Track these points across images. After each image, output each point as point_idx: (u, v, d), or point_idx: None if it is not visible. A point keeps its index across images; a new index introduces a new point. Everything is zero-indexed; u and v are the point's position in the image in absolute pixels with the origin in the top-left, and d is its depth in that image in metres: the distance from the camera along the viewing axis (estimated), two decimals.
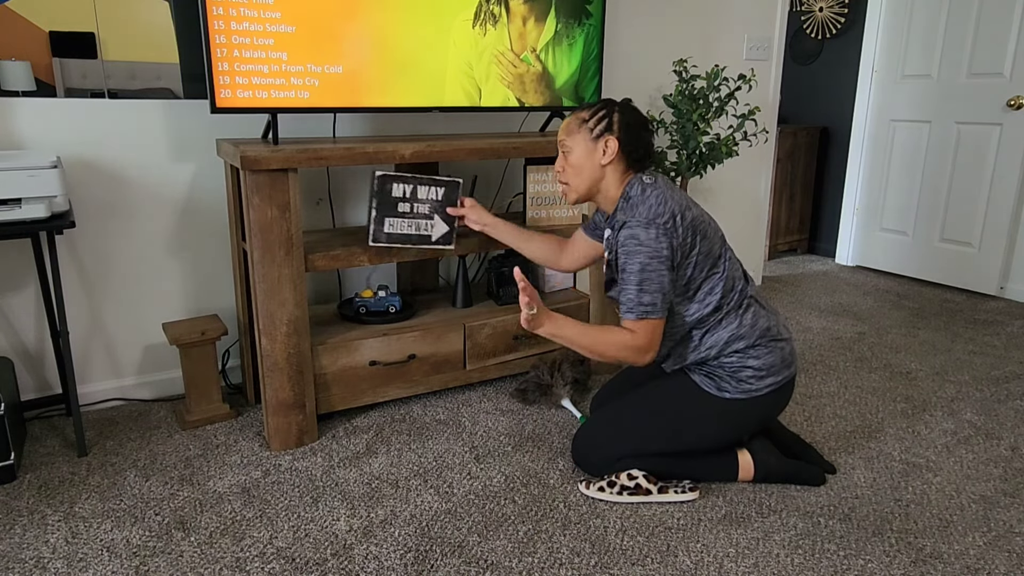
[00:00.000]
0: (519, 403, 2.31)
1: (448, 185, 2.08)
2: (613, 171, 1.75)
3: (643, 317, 1.65)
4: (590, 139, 1.73)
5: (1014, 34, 3.30)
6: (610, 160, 1.72)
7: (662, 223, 1.64)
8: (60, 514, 1.70)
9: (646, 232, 1.63)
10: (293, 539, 1.62)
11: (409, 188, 2.02)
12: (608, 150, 1.71)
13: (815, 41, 4.26)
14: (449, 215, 2.10)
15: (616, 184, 1.75)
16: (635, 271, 1.64)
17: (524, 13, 2.27)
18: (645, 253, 1.63)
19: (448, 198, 2.09)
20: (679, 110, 2.84)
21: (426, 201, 2.05)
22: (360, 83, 2.07)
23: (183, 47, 2.15)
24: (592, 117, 1.73)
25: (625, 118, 1.71)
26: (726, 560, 1.56)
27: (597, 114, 1.72)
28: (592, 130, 1.72)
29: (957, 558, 1.58)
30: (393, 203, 2.02)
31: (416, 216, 2.05)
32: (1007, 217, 3.42)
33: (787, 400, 1.82)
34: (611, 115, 1.71)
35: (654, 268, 1.63)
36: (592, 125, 1.72)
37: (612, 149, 1.70)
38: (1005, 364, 2.70)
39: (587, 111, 1.74)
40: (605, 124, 1.71)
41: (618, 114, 1.71)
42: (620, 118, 1.71)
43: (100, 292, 2.22)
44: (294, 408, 2.01)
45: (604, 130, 1.71)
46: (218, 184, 2.30)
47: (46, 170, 1.74)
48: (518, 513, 1.73)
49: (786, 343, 1.79)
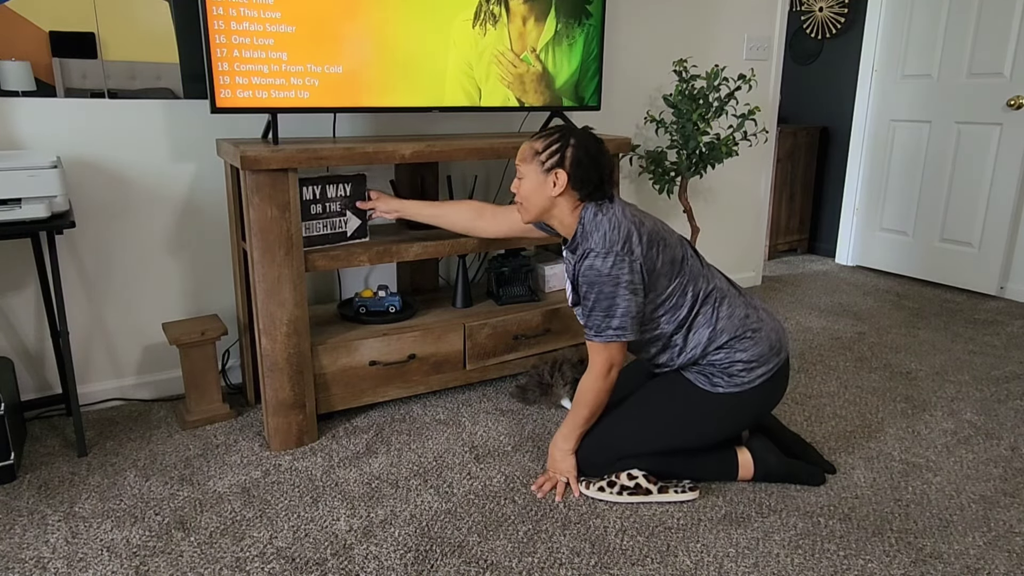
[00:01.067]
0: (519, 403, 2.31)
1: (354, 180, 2.10)
2: (565, 201, 1.76)
3: (611, 340, 1.70)
4: (541, 171, 1.74)
5: (1014, 34, 3.30)
6: (560, 192, 1.74)
7: (618, 250, 1.66)
8: (60, 514, 1.70)
9: (603, 261, 1.66)
10: (293, 539, 1.62)
11: (318, 189, 2.04)
12: (558, 183, 1.72)
13: (815, 41, 4.26)
14: (359, 209, 2.12)
15: (569, 211, 1.77)
16: (600, 299, 1.68)
17: (524, 13, 2.27)
18: (607, 282, 1.66)
19: (356, 192, 2.10)
20: (679, 110, 2.84)
21: (335, 199, 2.07)
22: (360, 83, 2.07)
23: (183, 47, 2.15)
24: (545, 150, 1.73)
25: (577, 153, 1.71)
26: (726, 560, 1.56)
27: (550, 147, 1.72)
28: (543, 163, 1.73)
29: (957, 558, 1.58)
30: (306, 207, 2.03)
31: (329, 215, 2.07)
32: (1007, 217, 3.42)
33: (783, 388, 1.82)
34: (564, 149, 1.71)
35: (618, 295, 1.67)
36: (544, 158, 1.73)
37: (562, 182, 1.72)
38: (1005, 364, 2.70)
39: (542, 141, 1.74)
40: (557, 159, 1.72)
41: (571, 149, 1.71)
42: (572, 153, 1.71)
43: (100, 292, 2.22)
44: (294, 408, 2.01)
45: (555, 164, 1.72)
46: (218, 184, 2.30)
47: (46, 170, 1.74)
48: (518, 513, 1.73)
49: (770, 330, 1.79)
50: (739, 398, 1.76)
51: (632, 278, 1.66)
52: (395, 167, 2.49)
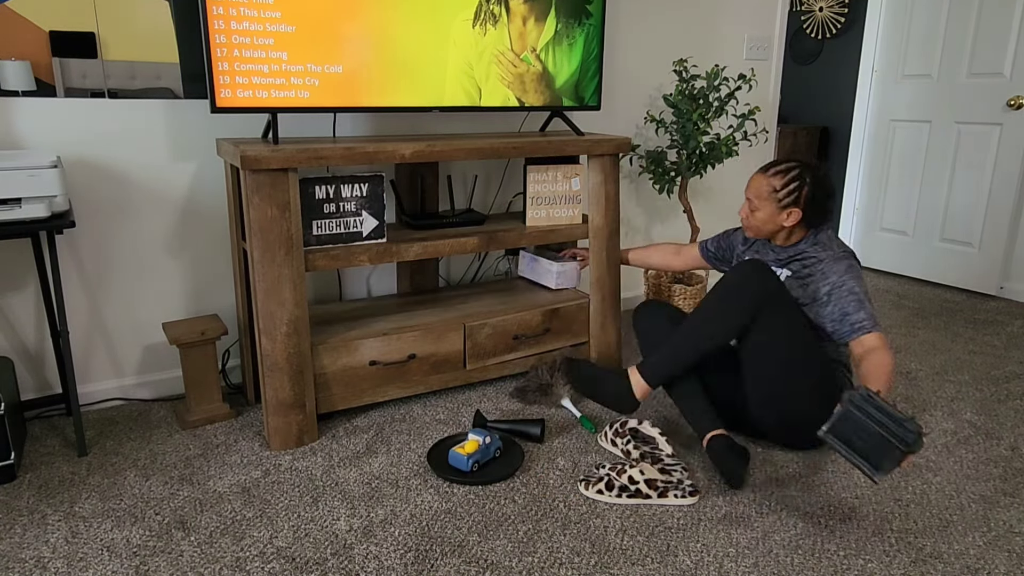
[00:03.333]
0: (519, 403, 2.31)
1: (371, 180, 2.09)
2: (795, 227, 1.92)
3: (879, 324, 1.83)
4: (777, 207, 1.88)
5: (1014, 34, 3.30)
6: (792, 224, 1.89)
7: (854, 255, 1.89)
8: (60, 514, 1.70)
9: (852, 260, 1.86)
10: (293, 539, 1.62)
11: (332, 188, 2.03)
12: (791, 217, 1.87)
13: (815, 41, 4.26)
14: (379, 212, 2.11)
15: (791, 232, 1.94)
16: (859, 290, 1.81)
17: (524, 13, 2.27)
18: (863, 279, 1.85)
19: (373, 192, 2.09)
20: (679, 110, 2.84)
21: (351, 199, 2.07)
22: (360, 83, 2.07)
23: (183, 47, 2.15)
24: (783, 188, 1.87)
25: (812, 191, 1.84)
26: (726, 560, 1.56)
27: (789, 186, 1.86)
28: (780, 200, 1.87)
29: (957, 558, 1.58)
30: (317, 205, 2.02)
31: (343, 215, 2.06)
32: (1007, 217, 3.42)
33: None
34: (801, 189, 1.84)
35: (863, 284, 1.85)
36: (781, 196, 1.87)
37: (795, 217, 1.87)
38: (1005, 364, 2.70)
39: (780, 178, 1.87)
40: (793, 198, 1.85)
41: (808, 188, 1.84)
42: (808, 192, 1.84)
43: (100, 292, 2.22)
44: (294, 408, 2.01)
45: (791, 203, 1.86)
46: (218, 184, 2.30)
47: (46, 170, 1.75)
48: (518, 513, 1.73)
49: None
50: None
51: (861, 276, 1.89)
52: (395, 167, 2.49)
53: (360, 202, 2.09)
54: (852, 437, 1.51)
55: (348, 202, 2.07)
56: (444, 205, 2.71)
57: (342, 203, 2.06)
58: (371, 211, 2.11)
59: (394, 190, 2.40)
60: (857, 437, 1.51)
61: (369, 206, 2.10)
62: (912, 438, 1.46)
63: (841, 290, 1.82)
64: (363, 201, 2.09)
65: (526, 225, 2.42)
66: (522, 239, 2.34)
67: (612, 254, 2.47)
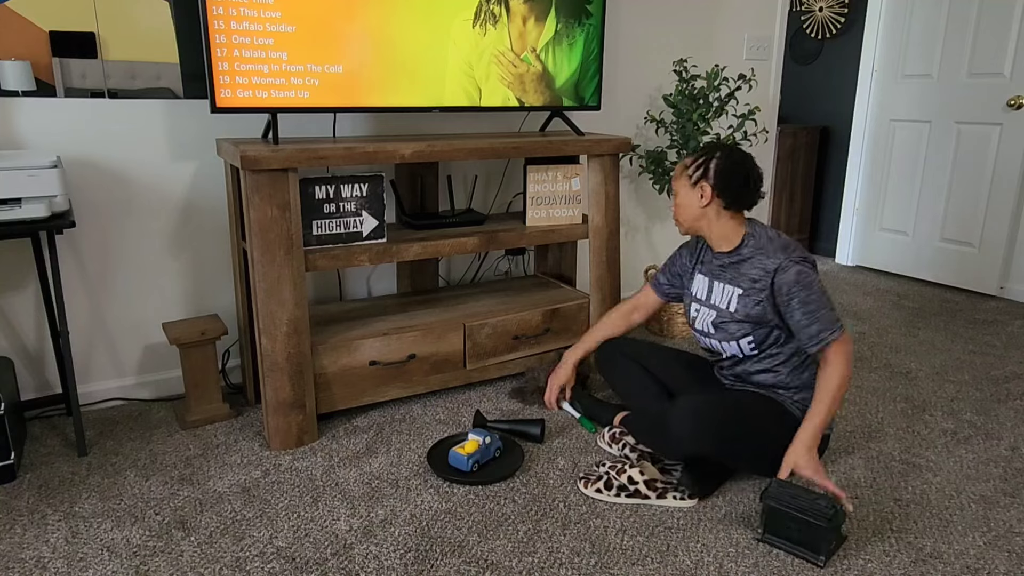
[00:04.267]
0: (518, 403, 2.31)
1: (371, 180, 2.09)
2: (714, 211, 1.85)
3: (843, 329, 1.76)
4: (689, 186, 1.85)
5: (1014, 34, 3.30)
6: (707, 203, 1.83)
7: (811, 260, 1.80)
8: (60, 514, 1.70)
9: (808, 268, 1.77)
10: (293, 539, 1.62)
11: (332, 188, 2.03)
12: (705, 195, 1.83)
13: (815, 41, 4.26)
14: (379, 212, 2.11)
15: (723, 222, 1.85)
16: (820, 299, 1.74)
17: (524, 13, 2.27)
18: (815, 282, 1.76)
19: (373, 192, 2.09)
20: (679, 110, 2.84)
21: (351, 199, 2.07)
22: (360, 83, 2.07)
23: (183, 47, 2.15)
24: (692, 164, 1.85)
25: (722, 163, 1.81)
26: (726, 560, 1.56)
27: (697, 160, 1.85)
28: (691, 177, 1.84)
29: (957, 558, 1.58)
30: (317, 205, 2.02)
31: (343, 215, 2.06)
32: (1007, 217, 3.42)
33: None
34: (709, 162, 1.82)
35: (824, 293, 1.77)
36: (692, 172, 1.84)
37: (708, 194, 1.82)
38: (1005, 364, 2.70)
39: (691, 158, 1.88)
40: (702, 171, 1.83)
41: (717, 160, 1.81)
42: (718, 164, 1.81)
43: (100, 292, 2.22)
44: (294, 408, 2.01)
45: (700, 176, 1.83)
46: (218, 184, 2.30)
47: (46, 170, 1.74)
48: (518, 513, 1.73)
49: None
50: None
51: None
52: (395, 167, 2.49)
53: (360, 202, 2.09)
54: (786, 530, 1.58)
55: (348, 202, 2.07)
56: (444, 205, 2.71)
57: (342, 203, 2.06)
58: (371, 211, 2.11)
59: (394, 190, 2.40)
60: (790, 528, 1.58)
61: (369, 206, 2.10)
62: (830, 512, 1.52)
63: (791, 305, 1.75)
64: (363, 201, 2.09)
65: (526, 225, 2.42)
66: (522, 239, 2.34)
67: (612, 254, 2.47)
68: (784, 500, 1.57)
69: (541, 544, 1.61)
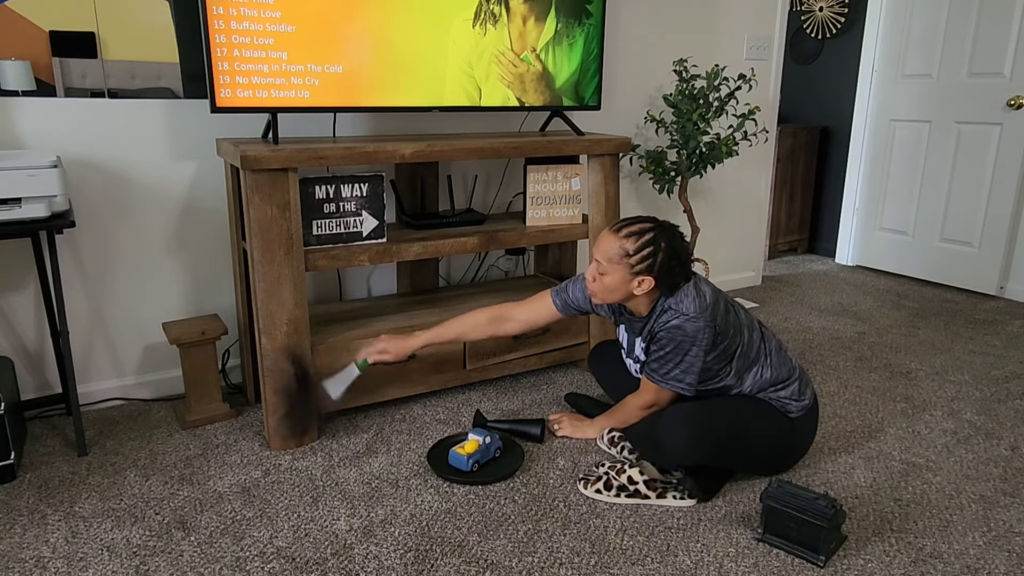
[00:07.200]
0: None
1: (371, 180, 2.09)
2: (646, 295, 1.78)
3: (668, 388, 1.80)
4: (628, 272, 1.72)
5: (1014, 34, 3.30)
6: (644, 292, 1.75)
7: (707, 317, 1.72)
8: (60, 514, 1.70)
9: (693, 325, 1.72)
10: (293, 539, 1.62)
11: (332, 188, 2.03)
12: (643, 286, 1.73)
13: (815, 41, 4.26)
14: (379, 212, 2.11)
15: (644, 298, 1.79)
16: (675, 353, 1.75)
17: (524, 13, 2.27)
18: (687, 342, 1.73)
19: (373, 192, 2.09)
20: (679, 110, 2.84)
21: (351, 199, 2.06)
22: (360, 83, 2.07)
23: (183, 47, 2.15)
24: (636, 254, 1.70)
25: (668, 258, 1.70)
26: (726, 560, 1.56)
27: (643, 251, 1.70)
28: (633, 267, 1.71)
29: (957, 558, 1.58)
30: (317, 205, 2.02)
31: (343, 215, 2.06)
32: (1007, 217, 3.42)
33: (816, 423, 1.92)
34: (656, 255, 1.69)
35: (691, 353, 1.74)
36: (635, 262, 1.71)
37: (647, 286, 1.73)
38: (1005, 364, 2.70)
39: (633, 241, 1.70)
40: (647, 265, 1.70)
41: (663, 255, 1.69)
42: (663, 259, 1.70)
43: (100, 292, 2.22)
44: (294, 407, 2.00)
45: (644, 271, 1.71)
46: (218, 184, 2.30)
47: (46, 170, 1.74)
48: (518, 513, 1.73)
49: (801, 372, 1.89)
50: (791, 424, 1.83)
51: (710, 342, 1.74)
52: (395, 167, 2.49)
53: (360, 202, 2.09)
54: (786, 529, 1.59)
55: (348, 202, 2.07)
56: (444, 205, 2.71)
57: (342, 203, 2.06)
58: (371, 211, 2.11)
59: (394, 190, 2.40)
60: (790, 528, 1.58)
61: (369, 206, 2.10)
62: (830, 512, 1.53)
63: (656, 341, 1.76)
64: (363, 201, 2.09)
65: (526, 225, 2.42)
66: (522, 239, 2.34)
67: None
68: (784, 500, 1.58)
69: (541, 544, 1.61)
